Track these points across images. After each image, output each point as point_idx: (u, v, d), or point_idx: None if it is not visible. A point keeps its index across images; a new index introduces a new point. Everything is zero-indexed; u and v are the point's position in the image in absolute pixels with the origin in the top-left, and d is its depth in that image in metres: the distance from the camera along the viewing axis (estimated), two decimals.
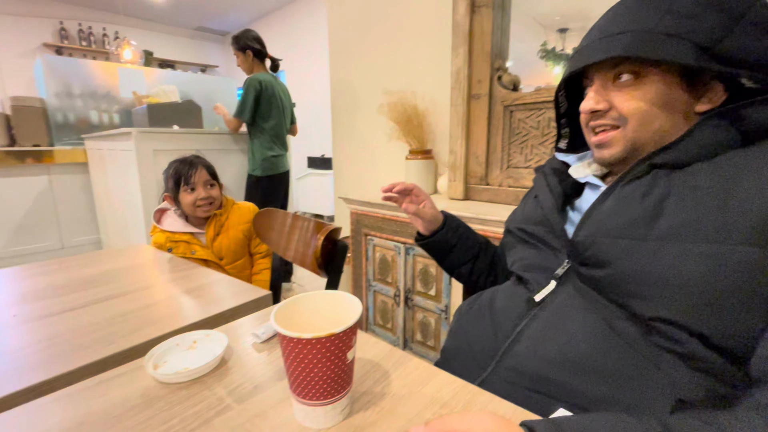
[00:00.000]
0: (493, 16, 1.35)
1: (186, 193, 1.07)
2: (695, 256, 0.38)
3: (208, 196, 1.07)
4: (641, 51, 0.44)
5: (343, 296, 0.41)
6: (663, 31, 0.43)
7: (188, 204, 1.07)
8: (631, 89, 0.47)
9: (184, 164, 1.08)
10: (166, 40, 5.53)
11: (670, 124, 0.47)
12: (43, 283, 0.78)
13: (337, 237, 0.98)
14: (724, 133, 0.43)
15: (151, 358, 0.47)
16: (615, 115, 0.49)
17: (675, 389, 0.40)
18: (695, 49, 0.42)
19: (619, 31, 0.46)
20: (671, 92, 0.46)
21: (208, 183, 1.09)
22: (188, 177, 1.06)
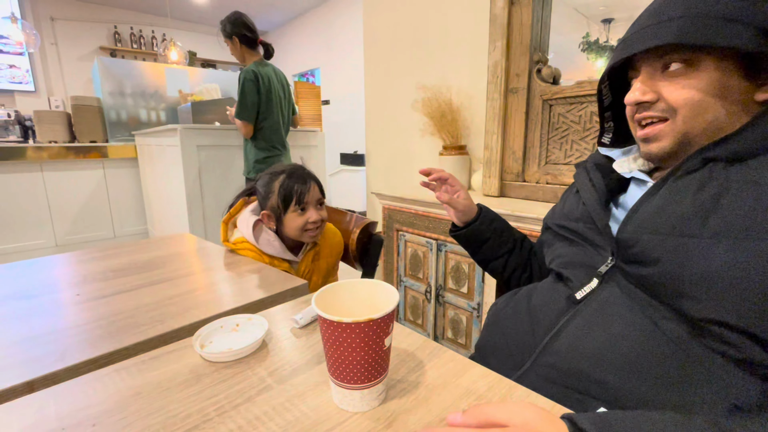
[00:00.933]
0: (533, 8, 1.31)
1: (296, 214, 0.89)
2: (753, 255, 0.36)
3: (319, 219, 0.90)
4: (695, 38, 0.41)
5: (381, 285, 0.42)
6: (720, 15, 0.40)
7: (296, 228, 0.89)
8: (682, 78, 0.44)
9: (296, 180, 0.90)
10: (208, 40, 5.78)
11: (725, 114, 0.43)
12: (101, 267, 0.85)
13: (373, 231, 0.99)
14: None
15: (198, 337, 0.50)
16: (663, 107, 0.46)
17: (729, 394, 0.38)
18: (757, 33, 0.39)
19: (671, 16, 0.43)
20: (728, 80, 0.42)
21: (319, 202, 0.92)
22: (301, 196, 0.88)
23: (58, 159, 2.75)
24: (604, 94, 0.58)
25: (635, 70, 0.50)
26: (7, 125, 3.31)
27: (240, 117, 1.95)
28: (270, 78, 2.00)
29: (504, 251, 0.74)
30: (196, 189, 2.18)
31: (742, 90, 0.43)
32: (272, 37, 6.07)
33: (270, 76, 2.00)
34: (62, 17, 4.58)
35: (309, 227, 0.89)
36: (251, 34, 1.98)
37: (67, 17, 4.61)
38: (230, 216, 0.96)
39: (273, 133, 2.06)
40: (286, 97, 2.14)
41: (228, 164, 2.30)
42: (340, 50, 4.73)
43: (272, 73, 2.03)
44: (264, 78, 1.96)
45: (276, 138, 2.08)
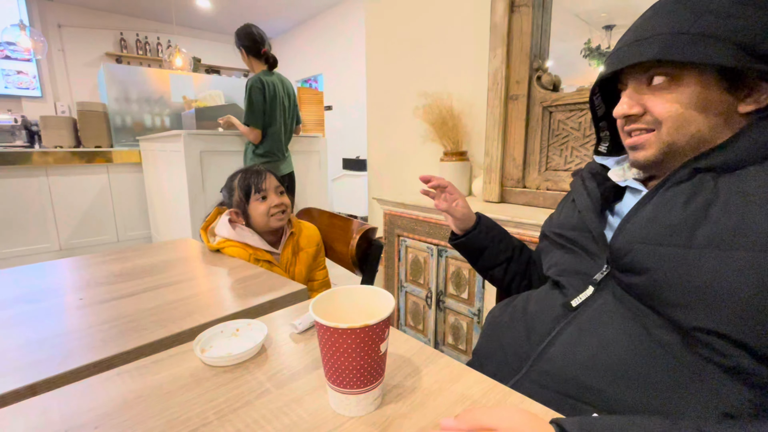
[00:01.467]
0: (533, 16, 1.33)
1: (258, 202, 0.98)
2: (742, 265, 0.36)
3: (281, 203, 0.99)
4: (674, 54, 0.42)
5: (377, 291, 0.43)
6: (699, 32, 0.41)
7: (261, 214, 0.98)
8: (665, 92, 0.46)
9: (251, 173, 1.01)
10: (213, 47, 5.84)
11: (708, 127, 0.45)
12: (104, 271, 0.86)
13: (372, 237, 1.00)
14: None
15: (198, 342, 0.51)
16: (649, 119, 0.48)
17: (720, 402, 0.38)
18: (736, 49, 0.40)
19: (653, 33, 0.45)
20: (709, 94, 0.44)
21: (279, 189, 1.02)
22: (258, 185, 0.99)
23: (64, 164, 2.78)
24: (596, 105, 0.60)
25: (623, 83, 0.51)
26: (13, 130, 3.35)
27: (248, 123, 2.04)
28: (276, 86, 2.08)
29: (503, 259, 0.75)
30: (199, 194, 2.20)
31: (725, 103, 0.44)
32: (276, 43, 6.13)
33: (276, 84, 2.08)
34: (69, 24, 4.65)
35: (273, 212, 0.98)
36: (252, 44, 2.08)
37: (74, 24, 4.68)
38: (207, 224, 1.04)
39: (273, 140, 2.12)
40: (291, 106, 2.20)
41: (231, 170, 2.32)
42: (342, 56, 4.77)
43: (278, 82, 2.11)
44: (269, 86, 2.04)
45: (275, 146, 2.14)
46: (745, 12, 0.40)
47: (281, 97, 2.11)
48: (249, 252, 0.96)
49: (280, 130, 2.15)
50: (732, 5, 0.41)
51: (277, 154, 2.16)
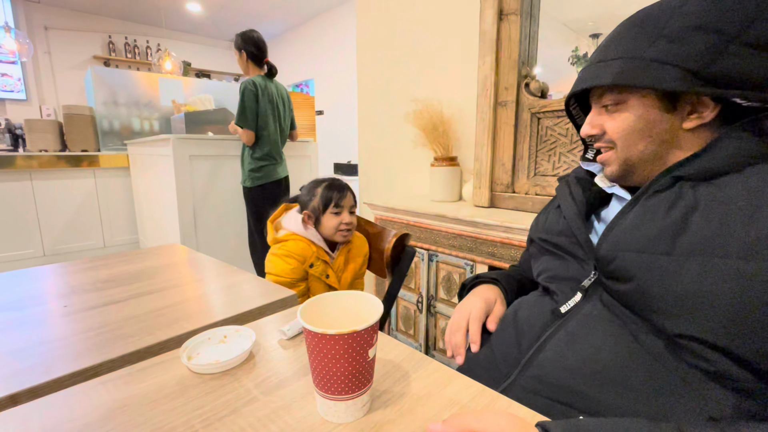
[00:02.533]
0: (521, 24, 1.35)
1: (332, 215, 1.05)
2: (722, 272, 0.37)
3: (350, 222, 1.06)
4: (627, 79, 0.46)
5: (365, 297, 0.43)
6: (652, 57, 0.44)
7: (331, 227, 1.05)
8: (617, 114, 0.50)
9: (336, 188, 1.08)
10: (203, 51, 5.81)
11: (655, 145, 0.48)
12: (90, 278, 0.84)
13: (407, 242, 1.04)
14: (748, 144, 0.42)
15: (185, 349, 0.50)
16: (608, 138, 0.52)
17: (705, 407, 0.39)
18: (682, 74, 0.42)
19: (613, 56, 0.48)
20: (650, 115, 0.47)
21: (352, 209, 1.09)
22: (339, 200, 1.06)
23: (49, 168, 2.73)
24: (575, 116, 0.62)
25: (590, 98, 0.55)
26: None
27: (240, 124, 2.03)
28: (270, 90, 2.09)
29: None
30: (188, 199, 2.18)
31: (667, 122, 0.47)
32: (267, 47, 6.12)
33: (270, 88, 2.10)
34: (56, 27, 4.59)
35: (342, 228, 1.05)
36: (258, 52, 2.13)
37: (61, 27, 4.62)
38: (275, 217, 1.11)
39: (270, 143, 2.12)
40: (286, 111, 2.22)
41: (220, 174, 2.31)
42: (334, 61, 4.78)
43: (273, 87, 2.13)
44: (263, 89, 2.05)
45: (273, 148, 2.15)
46: (694, 37, 0.42)
47: (276, 102, 2.13)
48: (313, 249, 1.04)
49: (276, 134, 2.16)
50: (684, 30, 0.43)
51: (275, 158, 2.17)
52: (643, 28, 0.46)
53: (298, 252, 1.02)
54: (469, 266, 1.28)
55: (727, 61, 0.41)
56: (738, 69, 0.41)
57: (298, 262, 1.01)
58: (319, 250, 1.05)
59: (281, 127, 2.20)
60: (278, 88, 2.19)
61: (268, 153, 2.13)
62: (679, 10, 0.44)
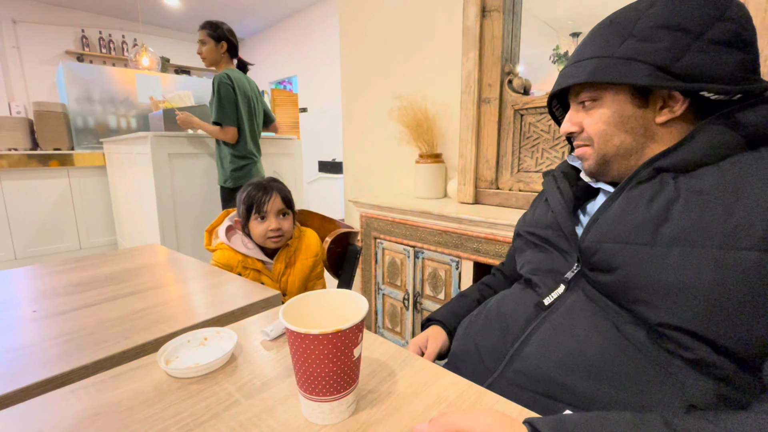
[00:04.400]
0: (504, 21, 1.36)
1: (256, 222, 0.97)
2: (702, 262, 0.38)
3: (278, 228, 0.96)
4: (600, 76, 0.48)
5: (350, 295, 0.42)
6: (622, 56, 0.46)
7: (259, 234, 0.97)
8: (593, 111, 0.52)
9: (258, 189, 0.99)
10: (182, 46, 5.66)
11: (630, 139, 0.50)
12: (62, 281, 0.81)
13: (351, 241, 0.98)
14: (723, 136, 0.43)
15: (163, 353, 0.48)
16: (585, 136, 0.54)
17: (686, 395, 0.40)
18: (651, 70, 0.44)
19: (588, 56, 0.50)
20: (624, 111, 0.49)
21: (281, 212, 0.99)
22: (260, 205, 0.96)
23: (19, 167, 2.62)
24: (559, 116, 0.65)
25: (569, 97, 0.56)
26: None
27: (220, 121, 1.89)
28: (243, 84, 1.99)
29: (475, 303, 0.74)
30: (167, 198, 2.12)
31: (640, 117, 0.49)
32: (249, 44, 6.01)
33: (243, 81, 1.99)
34: (25, 20, 4.39)
35: (270, 235, 0.97)
36: (236, 43, 2.03)
37: (30, 20, 4.42)
38: (213, 226, 1.04)
39: (249, 140, 2.03)
40: (259, 106, 2.12)
41: (201, 173, 2.25)
42: (317, 58, 4.73)
43: (245, 80, 2.02)
44: (238, 82, 1.94)
45: (253, 145, 2.06)
46: (661, 35, 0.45)
47: (250, 96, 2.03)
48: (238, 258, 0.97)
49: (255, 130, 2.08)
50: (650, 29, 0.45)
51: (256, 155, 2.08)
52: (614, 29, 0.48)
53: (223, 262, 0.96)
54: (455, 262, 1.28)
55: (693, 57, 0.43)
56: (704, 64, 0.43)
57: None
58: (246, 258, 0.97)
59: (257, 121, 2.11)
60: (249, 82, 2.07)
61: (250, 151, 2.04)
62: (647, 11, 0.46)
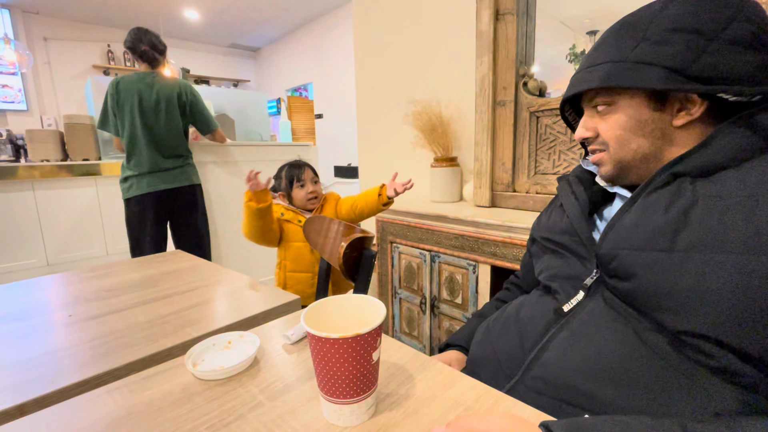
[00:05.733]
0: (518, 24, 1.35)
1: (298, 189, 1.33)
2: (723, 268, 0.37)
3: (314, 191, 1.33)
4: (613, 81, 0.48)
5: (368, 299, 0.43)
6: (635, 59, 0.46)
7: (301, 198, 1.32)
8: (608, 116, 0.51)
9: (294, 166, 1.34)
10: (201, 57, 5.84)
11: (647, 143, 0.50)
12: (93, 287, 0.85)
13: (367, 245, 0.99)
14: (743, 139, 0.42)
15: (190, 356, 0.50)
16: (601, 140, 0.53)
17: (711, 403, 0.39)
18: (666, 73, 0.44)
19: (600, 61, 0.50)
20: (640, 115, 0.49)
21: (313, 180, 1.35)
22: (300, 175, 1.32)
23: (50, 177, 2.74)
24: (572, 121, 0.64)
25: (582, 103, 0.56)
26: None
27: (104, 129, 1.88)
28: (129, 88, 1.78)
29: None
30: None
31: (657, 120, 0.48)
32: (265, 52, 6.15)
33: (130, 85, 1.78)
34: (55, 37, 4.62)
35: (309, 197, 1.34)
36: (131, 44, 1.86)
37: (60, 37, 4.64)
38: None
39: (131, 151, 1.82)
40: (161, 112, 1.84)
41: (226, 179, 2.31)
42: (332, 64, 4.80)
43: (139, 83, 1.80)
44: (120, 87, 1.77)
45: (136, 158, 1.83)
46: (675, 38, 0.44)
47: (144, 101, 1.79)
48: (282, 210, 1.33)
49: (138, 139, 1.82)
50: (665, 32, 0.45)
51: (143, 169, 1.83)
52: (626, 32, 0.48)
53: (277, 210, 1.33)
54: (472, 266, 1.28)
55: (709, 59, 0.43)
56: (721, 65, 0.42)
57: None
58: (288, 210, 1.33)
59: (153, 130, 1.84)
60: (153, 86, 1.82)
61: (132, 162, 1.83)
62: (660, 14, 0.46)
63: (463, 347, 0.71)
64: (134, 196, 1.85)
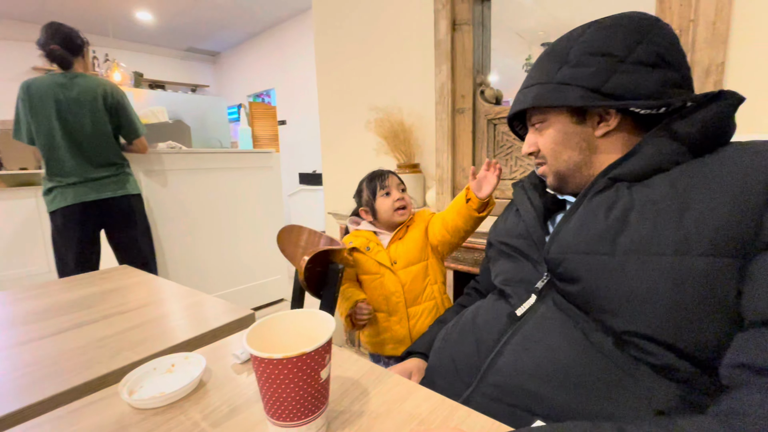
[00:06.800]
0: (474, 34, 1.39)
1: (383, 198, 1.06)
2: (659, 269, 0.39)
3: (401, 198, 1.06)
4: (542, 101, 0.54)
5: (317, 314, 0.41)
6: (558, 81, 0.52)
7: (387, 209, 1.04)
8: (543, 132, 0.57)
9: (376, 175, 1.11)
10: (156, 61, 5.58)
11: (576, 154, 0.54)
12: (22, 310, 0.77)
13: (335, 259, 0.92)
14: (666, 147, 0.46)
15: (126, 383, 0.46)
16: (542, 155, 0.58)
17: (653, 400, 0.41)
18: (584, 92, 0.50)
19: (532, 83, 0.56)
20: (567, 129, 0.54)
21: (400, 187, 1.09)
22: (383, 182, 1.08)
23: None
24: (523, 134, 0.68)
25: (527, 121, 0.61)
26: None
27: (14, 136, 1.67)
28: (44, 91, 1.59)
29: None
30: None
31: (581, 133, 0.54)
32: (225, 57, 5.98)
33: (45, 88, 1.60)
34: None
35: (396, 205, 1.04)
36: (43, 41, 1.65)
37: None
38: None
39: (50, 161, 1.63)
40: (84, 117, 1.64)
41: (176, 190, 2.20)
42: (295, 70, 4.74)
43: (56, 86, 1.61)
44: (33, 90, 1.59)
45: (57, 168, 1.63)
46: (591, 61, 0.49)
47: (66, 105, 1.61)
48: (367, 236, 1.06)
49: (56, 145, 1.62)
50: (582, 56, 0.50)
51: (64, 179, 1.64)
52: (553, 57, 0.54)
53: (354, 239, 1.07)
54: None
55: (620, 78, 0.48)
56: (628, 83, 0.48)
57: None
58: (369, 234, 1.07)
59: (74, 136, 1.64)
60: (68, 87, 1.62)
61: (53, 172, 1.64)
62: (578, 40, 0.52)
63: (425, 354, 0.71)
64: (59, 209, 1.64)
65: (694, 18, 0.93)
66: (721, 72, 0.90)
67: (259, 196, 2.55)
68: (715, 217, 0.38)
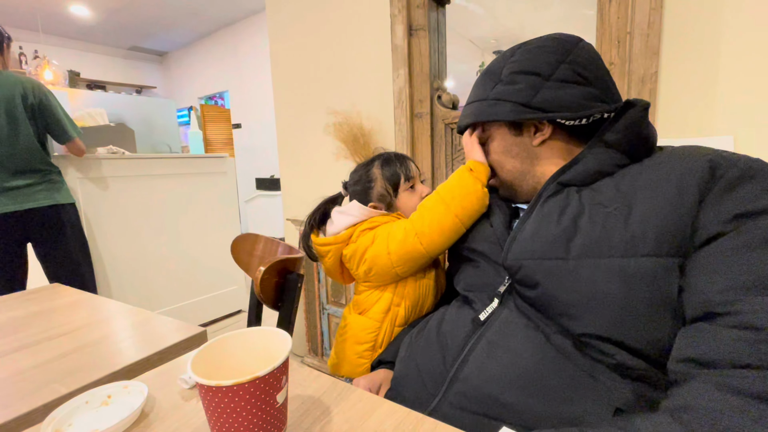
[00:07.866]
0: (430, 39, 1.41)
1: (408, 194, 0.77)
2: (609, 271, 0.41)
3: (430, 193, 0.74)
4: (480, 117, 0.58)
5: (273, 332, 0.39)
6: (493, 97, 0.56)
7: (413, 207, 0.74)
8: (489, 145, 0.62)
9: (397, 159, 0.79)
10: (96, 60, 5.18)
11: (518, 163, 0.59)
12: None
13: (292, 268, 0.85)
14: (603, 155, 0.49)
15: (52, 421, 0.40)
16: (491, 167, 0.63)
17: (612, 399, 0.42)
18: (515, 107, 0.54)
19: (473, 100, 0.60)
20: (506, 141, 0.59)
21: (422, 178, 0.82)
22: (408, 172, 0.77)
23: None
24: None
25: None
26: None
27: None
28: None
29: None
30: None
31: (519, 144, 0.58)
32: (173, 57, 5.67)
33: None
34: None
35: None
36: None
37: None
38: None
39: None
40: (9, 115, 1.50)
41: (119, 198, 2.04)
42: (249, 72, 4.59)
43: None
44: None
45: None
46: (520, 79, 0.54)
47: None
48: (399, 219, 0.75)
49: None
50: (512, 75, 0.55)
51: None
52: (488, 76, 0.58)
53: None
54: None
55: (545, 94, 0.52)
56: (553, 98, 0.52)
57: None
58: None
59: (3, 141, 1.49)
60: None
61: None
62: (509, 60, 0.56)
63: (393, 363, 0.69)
64: None
65: (630, 30, 1.00)
66: (656, 81, 0.97)
67: (213, 203, 2.43)
68: (657, 218, 0.40)
